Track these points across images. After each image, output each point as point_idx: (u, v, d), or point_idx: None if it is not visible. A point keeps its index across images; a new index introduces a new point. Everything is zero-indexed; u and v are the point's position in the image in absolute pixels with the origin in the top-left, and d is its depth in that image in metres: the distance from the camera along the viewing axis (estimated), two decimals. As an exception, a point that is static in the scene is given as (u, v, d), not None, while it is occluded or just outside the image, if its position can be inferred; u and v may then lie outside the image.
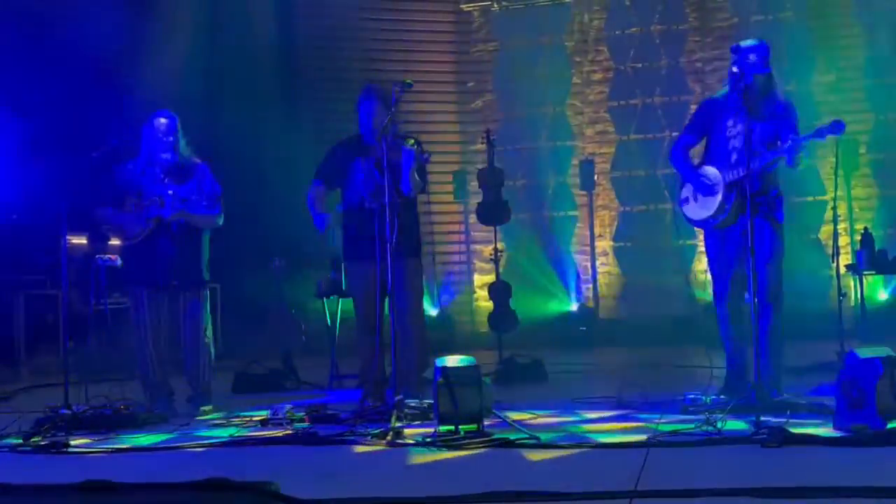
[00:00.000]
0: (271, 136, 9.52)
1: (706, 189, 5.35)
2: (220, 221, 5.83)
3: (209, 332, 5.89)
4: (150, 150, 5.76)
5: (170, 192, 5.63)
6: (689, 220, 5.53)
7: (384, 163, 5.02)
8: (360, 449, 4.41)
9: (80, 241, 8.27)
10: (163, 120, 5.76)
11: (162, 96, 7.02)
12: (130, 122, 6.06)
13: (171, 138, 5.74)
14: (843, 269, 7.35)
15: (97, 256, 5.99)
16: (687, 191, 5.51)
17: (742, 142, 5.10)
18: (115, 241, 6.93)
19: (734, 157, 5.25)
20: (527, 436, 4.39)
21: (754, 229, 4.81)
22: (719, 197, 5.27)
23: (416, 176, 5.47)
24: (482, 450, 4.25)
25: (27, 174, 7.95)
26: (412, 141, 5.58)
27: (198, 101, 8.50)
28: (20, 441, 4.73)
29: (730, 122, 5.31)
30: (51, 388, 6.62)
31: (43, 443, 4.68)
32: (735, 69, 5.13)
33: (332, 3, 10.92)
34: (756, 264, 4.82)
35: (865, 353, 4.25)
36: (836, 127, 4.97)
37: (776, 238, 5.20)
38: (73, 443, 4.69)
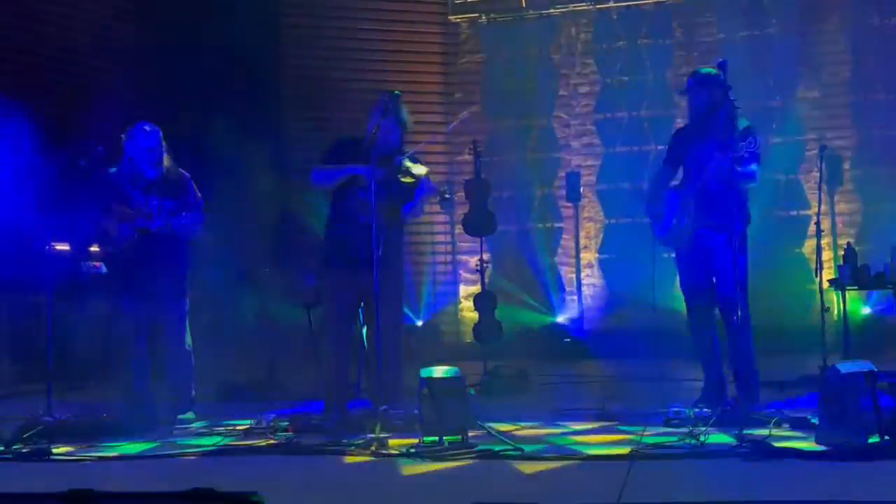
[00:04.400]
0: (257, 145, 9.51)
1: (666, 210, 5.58)
2: (203, 231, 5.83)
3: (191, 341, 5.88)
4: (135, 162, 5.74)
5: (155, 203, 5.62)
6: (659, 239, 5.73)
7: (372, 182, 5.08)
8: (343, 459, 4.40)
9: (63, 247, 8.23)
10: (146, 132, 5.73)
11: (143, 103, 7.00)
12: (111, 127, 6.02)
13: (155, 153, 5.72)
14: (826, 284, 7.39)
15: (82, 263, 5.97)
16: (653, 214, 5.74)
17: (697, 165, 5.37)
18: (95, 249, 6.90)
19: (688, 178, 5.51)
20: (511, 447, 4.39)
21: (714, 246, 5.05)
22: (675, 218, 5.50)
23: (420, 205, 5.53)
24: (466, 461, 4.25)
25: (6, 178, 7.91)
26: (426, 171, 5.56)
27: (181, 110, 8.48)
28: (1, 449, 4.70)
29: (693, 146, 5.52)
30: (33, 395, 6.58)
31: (25, 451, 4.65)
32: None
33: (319, 14, 10.95)
34: (719, 282, 4.96)
35: (847, 367, 4.28)
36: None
37: (737, 256, 5.32)
38: (55, 451, 4.66)
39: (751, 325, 5.34)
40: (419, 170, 5.49)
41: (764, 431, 4.47)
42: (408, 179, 5.44)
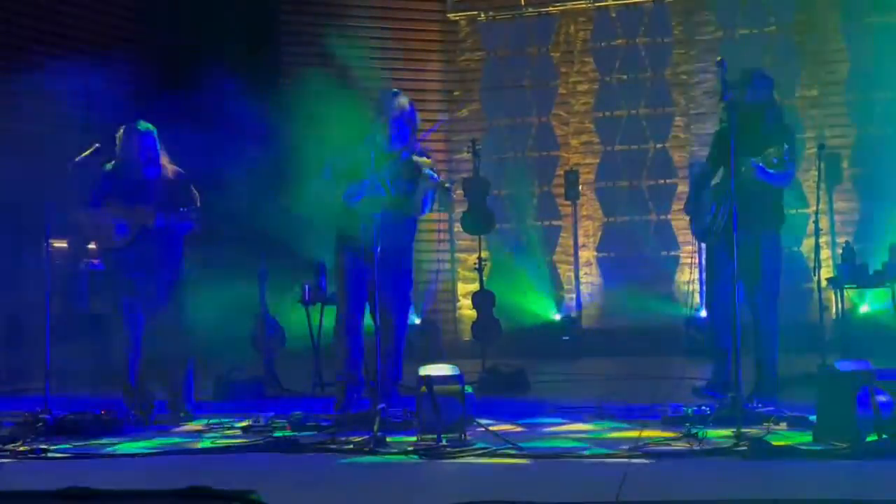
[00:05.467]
0: (255, 142, 9.50)
1: (704, 208, 5.82)
2: (199, 228, 5.82)
3: (188, 338, 5.87)
4: (130, 161, 5.72)
5: (153, 201, 5.61)
6: (696, 236, 6.09)
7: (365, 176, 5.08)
8: (341, 457, 4.39)
9: (61, 244, 8.22)
10: (141, 132, 5.71)
11: (141, 102, 6.98)
12: (107, 125, 6.00)
13: (151, 152, 5.71)
14: (824, 283, 7.40)
15: (80, 261, 5.96)
16: (693, 212, 6.03)
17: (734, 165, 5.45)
18: (93, 246, 6.90)
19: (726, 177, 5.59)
20: (508, 446, 4.39)
21: (744, 244, 5.04)
22: (711, 215, 5.71)
23: (430, 201, 5.53)
24: (464, 459, 4.25)
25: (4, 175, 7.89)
26: (429, 162, 5.55)
27: (179, 104, 8.46)
28: (-1, 446, 4.69)
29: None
30: (31, 392, 6.57)
31: (22, 448, 4.64)
32: None
33: (318, 11, 10.94)
34: (746, 278, 5.01)
35: (845, 366, 4.28)
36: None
37: (768, 254, 5.40)
38: (52, 449, 4.65)
39: (776, 322, 5.61)
40: (422, 161, 5.50)
41: (762, 430, 4.48)
42: (410, 172, 5.45)
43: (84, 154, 5.54)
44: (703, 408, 5.08)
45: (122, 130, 5.77)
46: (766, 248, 5.52)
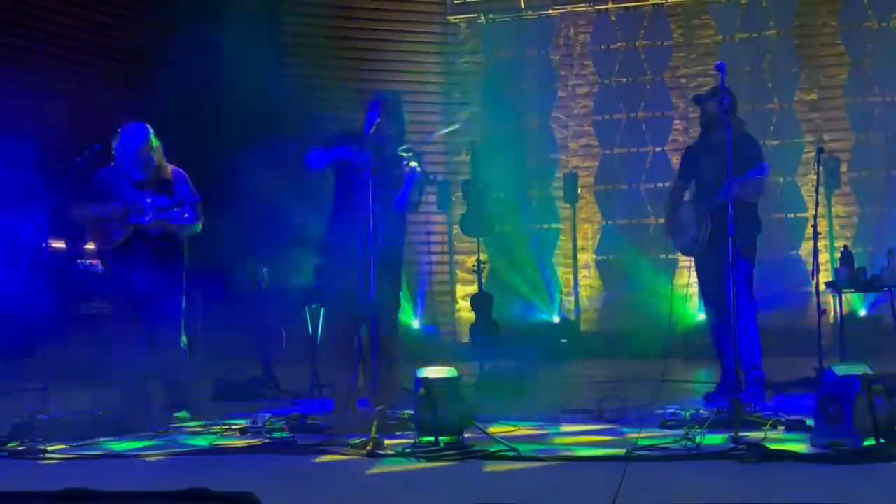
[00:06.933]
0: (255, 143, 9.51)
1: (684, 223, 6.01)
2: (199, 229, 5.81)
3: (186, 339, 5.87)
4: (126, 163, 5.70)
5: (148, 199, 5.60)
6: (680, 251, 6.25)
7: (361, 172, 5.08)
8: (339, 459, 4.40)
9: (59, 245, 8.22)
10: (133, 133, 5.69)
11: (141, 101, 6.98)
12: (108, 124, 6.00)
13: (142, 154, 5.66)
14: (822, 287, 7.41)
15: (78, 262, 5.95)
16: (672, 228, 6.22)
17: (706, 180, 5.79)
18: (91, 246, 6.89)
19: (701, 192, 5.95)
20: (506, 448, 4.39)
21: (725, 254, 5.05)
22: (692, 228, 5.92)
23: (414, 195, 5.51)
24: (462, 462, 4.25)
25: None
26: (414, 161, 5.55)
27: (181, 105, 8.46)
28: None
29: (701, 162, 5.95)
30: (29, 392, 6.57)
31: (20, 449, 4.64)
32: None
33: (319, 13, 10.95)
34: (722, 287, 5.13)
35: (843, 370, 4.28)
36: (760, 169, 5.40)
37: (740, 263, 5.54)
38: (50, 449, 4.65)
39: (755, 326, 5.75)
40: (405, 156, 5.51)
41: (759, 434, 4.48)
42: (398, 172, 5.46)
43: (85, 154, 5.53)
44: (701, 411, 5.09)
45: (117, 131, 5.76)
46: (741, 256, 5.64)
